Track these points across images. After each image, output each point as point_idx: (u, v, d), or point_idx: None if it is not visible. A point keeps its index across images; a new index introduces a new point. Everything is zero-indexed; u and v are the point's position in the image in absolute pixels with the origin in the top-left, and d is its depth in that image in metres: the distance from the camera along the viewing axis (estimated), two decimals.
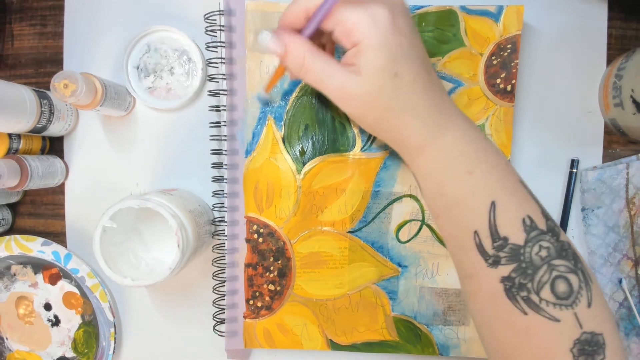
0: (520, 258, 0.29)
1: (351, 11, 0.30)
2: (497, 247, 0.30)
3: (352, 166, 0.45)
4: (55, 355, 0.50)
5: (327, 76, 0.32)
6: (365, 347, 0.46)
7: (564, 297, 0.28)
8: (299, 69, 0.32)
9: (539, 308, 0.29)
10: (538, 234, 0.30)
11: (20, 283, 0.50)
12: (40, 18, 0.49)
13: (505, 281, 0.30)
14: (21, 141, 0.46)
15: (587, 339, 0.28)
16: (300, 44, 0.32)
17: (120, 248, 0.42)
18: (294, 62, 0.32)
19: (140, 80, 0.47)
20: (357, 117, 0.33)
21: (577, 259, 0.30)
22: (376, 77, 0.31)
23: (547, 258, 0.29)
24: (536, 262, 0.29)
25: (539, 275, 0.29)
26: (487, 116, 0.44)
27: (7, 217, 0.49)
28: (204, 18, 0.44)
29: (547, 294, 0.29)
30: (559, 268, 0.29)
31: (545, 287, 0.29)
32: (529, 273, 0.29)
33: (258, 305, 0.46)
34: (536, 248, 0.29)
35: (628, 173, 0.45)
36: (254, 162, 0.45)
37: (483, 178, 0.31)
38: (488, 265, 0.30)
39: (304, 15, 0.32)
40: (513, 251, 0.30)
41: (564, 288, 0.29)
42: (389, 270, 0.46)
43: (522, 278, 0.29)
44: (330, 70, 0.32)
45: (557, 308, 0.28)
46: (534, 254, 0.29)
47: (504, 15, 0.43)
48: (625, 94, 0.42)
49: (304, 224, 0.45)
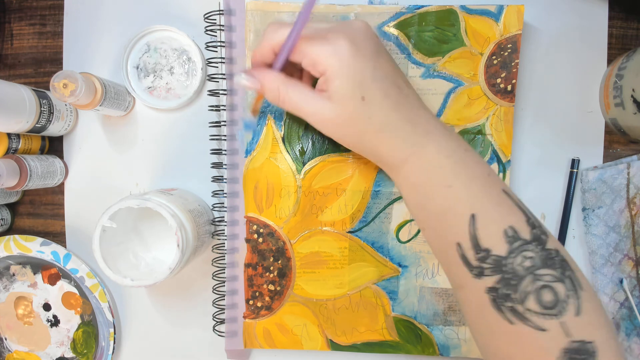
0: (503, 269, 0.29)
1: (313, 45, 0.33)
2: (480, 258, 0.30)
3: (352, 166, 0.45)
4: (54, 356, 0.50)
5: (303, 104, 0.34)
6: (366, 347, 0.46)
7: (550, 306, 0.28)
8: (277, 100, 0.35)
9: (524, 318, 0.29)
10: (521, 244, 0.30)
11: (19, 283, 0.50)
12: (40, 18, 0.49)
13: (491, 292, 0.30)
14: (20, 141, 0.45)
15: (576, 347, 0.28)
16: (273, 77, 0.34)
17: (119, 248, 0.42)
18: (270, 94, 0.35)
19: (139, 80, 0.47)
20: (337, 138, 0.35)
21: (566, 267, 0.29)
22: (346, 103, 0.33)
23: (531, 268, 0.29)
24: (520, 272, 0.29)
25: (523, 285, 0.29)
26: (488, 116, 0.44)
27: (6, 217, 0.49)
28: (204, 18, 0.44)
29: (532, 304, 0.29)
30: (544, 277, 0.29)
31: (530, 297, 0.29)
32: (513, 284, 0.29)
33: (258, 306, 0.46)
34: (519, 259, 0.29)
35: (629, 173, 0.45)
36: (254, 162, 0.45)
37: (463, 190, 0.32)
38: (473, 277, 0.31)
39: (271, 51, 0.34)
40: (496, 262, 0.30)
41: (549, 297, 0.28)
42: (389, 270, 0.46)
43: (506, 289, 0.29)
44: (304, 98, 0.34)
45: (542, 318, 0.28)
46: (517, 264, 0.29)
47: (505, 14, 0.43)
48: (626, 94, 0.42)
49: (304, 224, 0.45)
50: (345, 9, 0.43)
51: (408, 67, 0.44)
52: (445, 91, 0.44)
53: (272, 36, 0.34)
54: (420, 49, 0.44)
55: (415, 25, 0.43)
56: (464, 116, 0.44)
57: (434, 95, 0.44)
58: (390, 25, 0.43)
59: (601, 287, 0.46)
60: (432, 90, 0.44)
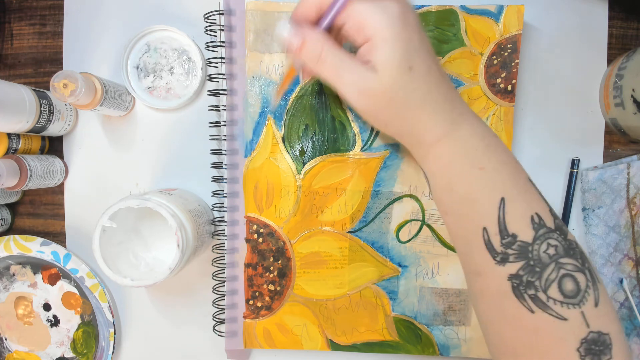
0: (529, 255, 0.29)
1: (363, 5, 0.30)
2: (505, 244, 0.30)
3: (352, 166, 0.45)
4: (54, 356, 0.50)
5: (344, 71, 0.31)
6: (366, 347, 0.46)
7: (572, 295, 0.28)
8: (315, 62, 0.32)
9: (546, 306, 0.28)
10: (546, 232, 0.30)
11: (19, 283, 0.50)
12: (40, 17, 0.49)
13: (513, 279, 0.29)
14: (20, 141, 0.45)
15: (594, 338, 0.28)
16: (318, 36, 0.31)
17: (119, 248, 0.42)
18: (311, 55, 0.32)
19: (139, 80, 0.47)
20: (372, 113, 0.33)
21: (585, 258, 0.30)
22: (393, 72, 0.30)
23: (555, 256, 0.29)
24: (544, 259, 0.29)
25: (547, 273, 0.29)
26: (488, 116, 0.44)
27: (6, 217, 0.49)
28: (204, 18, 0.44)
29: (554, 292, 0.28)
30: (567, 266, 0.29)
31: (553, 285, 0.28)
32: (537, 271, 0.29)
33: (258, 305, 0.46)
34: (544, 246, 0.29)
35: (629, 173, 0.45)
36: (254, 162, 0.45)
37: (494, 174, 0.31)
38: (496, 263, 0.30)
39: (316, 9, 0.32)
40: (521, 248, 0.29)
41: (571, 286, 0.28)
42: (389, 270, 0.46)
43: (530, 276, 0.29)
44: (347, 66, 0.31)
45: (564, 307, 0.28)
46: (542, 251, 0.29)
47: (505, 14, 0.43)
48: (626, 94, 0.42)
49: (304, 224, 0.45)
50: None
51: None
52: None
53: None
54: None
55: None
56: None
57: None
58: None
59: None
60: None
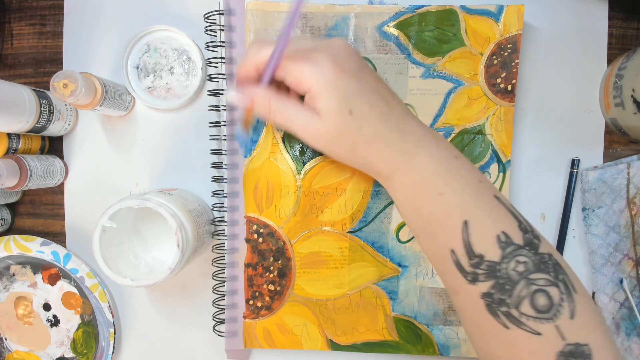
0: (497, 274, 0.30)
1: (296, 64, 0.33)
2: (473, 264, 0.30)
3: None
4: (54, 356, 0.50)
5: (293, 118, 0.34)
6: (366, 347, 0.46)
7: (545, 310, 0.29)
8: (267, 114, 0.35)
9: (519, 322, 0.29)
10: (514, 249, 0.30)
11: (19, 283, 0.50)
12: (40, 17, 0.49)
13: (486, 297, 0.30)
14: (20, 141, 0.45)
15: (571, 350, 0.28)
16: (263, 93, 0.35)
17: (119, 248, 0.42)
18: (261, 109, 0.35)
19: (139, 80, 0.47)
20: (328, 152, 0.36)
21: (559, 270, 0.30)
22: (334, 118, 0.33)
23: (525, 272, 0.29)
24: (513, 277, 0.29)
25: (517, 290, 0.29)
26: (488, 116, 0.44)
27: (6, 217, 0.49)
28: (204, 17, 0.44)
29: (526, 308, 0.29)
30: (538, 282, 0.29)
31: (525, 301, 0.29)
32: (507, 289, 0.29)
33: (258, 306, 0.46)
34: (513, 263, 0.30)
35: (629, 173, 0.45)
36: (254, 162, 0.45)
37: (455, 198, 0.32)
38: (468, 282, 0.31)
39: (255, 68, 0.35)
40: (490, 268, 0.30)
41: (544, 301, 0.29)
42: (389, 270, 0.46)
43: (500, 294, 0.29)
44: (295, 113, 0.34)
45: (537, 322, 0.28)
46: (510, 269, 0.29)
47: (505, 14, 0.43)
48: (626, 94, 0.42)
49: (304, 224, 0.45)
50: (345, 9, 0.43)
51: (408, 67, 0.44)
52: (445, 91, 0.44)
53: (255, 55, 0.34)
54: (420, 49, 0.44)
55: (416, 25, 0.43)
56: (464, 116, 0.44)
57: (434, 95, 0.44)
58: (390, 25, 0.43)
59: (601, 287, 0.46)
60: (432, 90, 0.44)
